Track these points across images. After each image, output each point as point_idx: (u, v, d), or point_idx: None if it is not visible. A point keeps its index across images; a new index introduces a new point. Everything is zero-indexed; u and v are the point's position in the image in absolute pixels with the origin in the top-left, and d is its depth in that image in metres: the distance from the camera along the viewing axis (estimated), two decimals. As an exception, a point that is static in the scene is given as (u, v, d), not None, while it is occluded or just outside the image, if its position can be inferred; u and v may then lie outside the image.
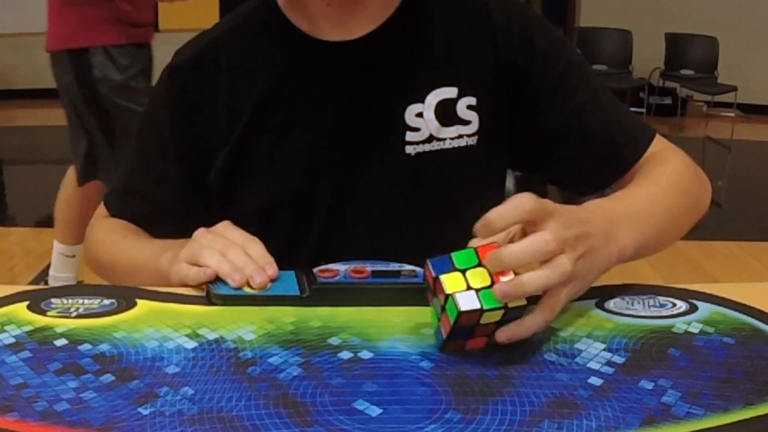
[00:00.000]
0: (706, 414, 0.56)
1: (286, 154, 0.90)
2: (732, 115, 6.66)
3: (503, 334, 0.64)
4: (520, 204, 0.65)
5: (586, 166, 0.94)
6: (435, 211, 0.92)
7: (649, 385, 0.60)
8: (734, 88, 6.39)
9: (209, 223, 0.82)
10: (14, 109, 6.82)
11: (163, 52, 1.00)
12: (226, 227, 0.81)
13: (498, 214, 0.64)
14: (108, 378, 0.61)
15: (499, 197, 1.01)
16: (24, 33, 7.17)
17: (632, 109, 6.62)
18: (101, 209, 1.01)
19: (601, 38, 6.78)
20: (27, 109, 6.90)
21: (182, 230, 0.86)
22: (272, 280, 0.76)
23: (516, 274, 0.64)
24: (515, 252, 0.63)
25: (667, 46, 6.79)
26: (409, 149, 0.89)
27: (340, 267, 0.79)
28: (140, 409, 0.56)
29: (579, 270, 0.66)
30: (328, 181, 0.90)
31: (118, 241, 0.95)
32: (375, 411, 0.57)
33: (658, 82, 6.86)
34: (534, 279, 0.63)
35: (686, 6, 6.98)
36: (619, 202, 0.80)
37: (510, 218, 0.65)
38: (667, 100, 6.94)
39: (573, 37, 6.81)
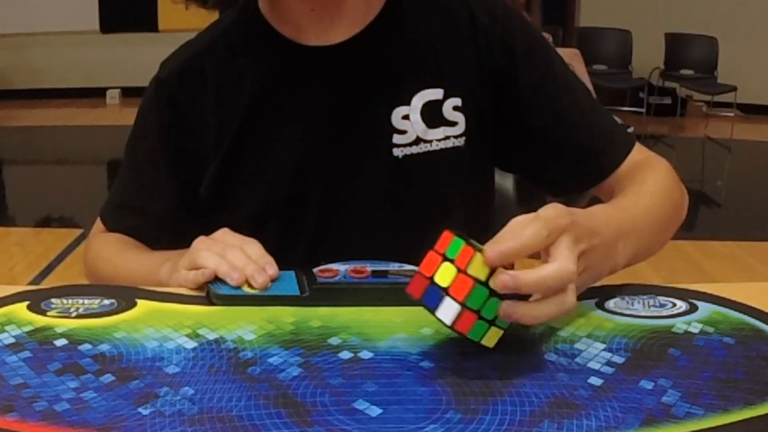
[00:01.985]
0: (706, 414, 0.56)
1: (276, 161, 0.90)
2: (732, 115, 6.67)
3: (507, 308, 0.62)
4: (521, 240, 0.63)
5: (564, 168, 0.94)
6: (425, 213, 0.92)
7: (649, 385, 0.60)
8: (734, 88, 6.39)
9: (204, 232, 0.83)
10: (14, 109, 6.83)
11: (163, 52, 1.00)
12: (224, 233, 0.82)
13: (501, 253, 0.62)
14: (108, 378, 0.61)
15: (488, 196, 1.02)
16: (24, 33, 7.18)
17: (632, 109, 6.64)
18: (98, 224, 1.01)
19: (600, 38, 6.78)
20: (27, 109, 6.90)
21: (178, 241, 0.86)
22: (273, 280, 0.76)
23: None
24: (535, 283, 0.61)
25: (666, 46, 6.80)
26: (397, 152, 0.89)
27: (340, 267, 0.79)
28: (140, 409, 0.56)
29: (580, 279, 0.66)
30: (317, 186, 0.90)
31: (117, 255, 0.95)
32: (375, 411, 0.57)
33: (658, 82, 6.87)
34: (539, 313, 0.62)
35: (686, 6, 6.98)
36: (623, 213, 0.79)
37: (514, 254, 0.63)
38: (667, 100, 6.95)
39: (573, 37, 6.81)
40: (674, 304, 0.75)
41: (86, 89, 7.17)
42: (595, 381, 0.61)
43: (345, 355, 0.65)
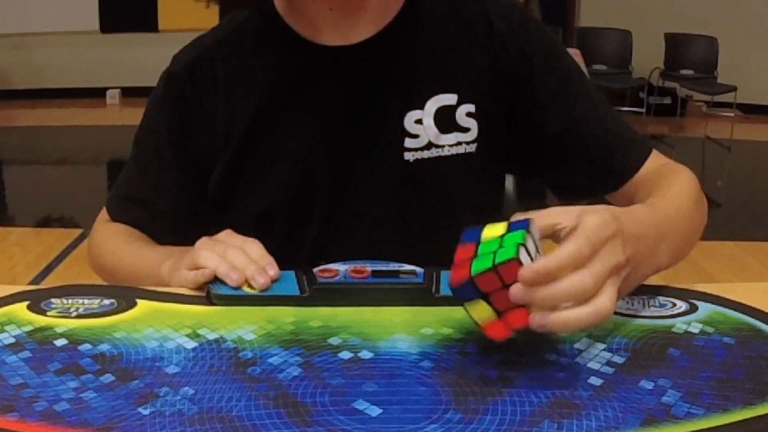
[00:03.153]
0: (706, 414, 0.56)
1: (285, 160, 0.90)
2: (732, 115, 6.67)
3: (539, 319, 0.59)
4: (558, 259, 0.60)
5: (581, 176, 0.94)
6: (433, 218, 0.92)
7: (649, 385, 0.60)
8: (734, 88, 6.40)
9: (208, 230, 0.83)
10: (14, 109, 6.83)
11: (163, 52, 1.00)
12: (227, 234, 0.82)
13: (536, 273, 0.58)
14: (108, 378, 0.61)
15: (497, 203, 1.01)
16: (24, 33, 7.18)
17: (632, 109, 6.63)
18: (103, 213, 1.01)
19: (601, 38, 6.78)
20: (27, 109, 6.91)
21: (182, 236, 0.86)
22: (274, 281, 0.76)
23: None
24: (558, 294, 0.58)
25: (666, 46, 6.80)
26: (408, 156, 0.89)
27: (340, 267, 0.79)
28: (140, 409, 0.56)
29: (619, 290, 0.64)
30: (325, 186, 0.90)
31: (121, 246, 0.95)
32: (375, 411, 0.57)
33: (658, 82, 6.87)
34: (575, 321, 0.59)
35: (686, 6, 6.98)
36: (662, 214, 0.77)
37: (548, 273, 0.60)
38: (667, 100, 6.95)
39: (573, 37, 6.81)
40: (674, 304, 0.75)
41: (86, 89, 7.17)
42: (595, 381, 0.61)
43: (345, 355, 0.65)
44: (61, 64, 7.30)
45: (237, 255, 0.78)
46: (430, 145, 0.89)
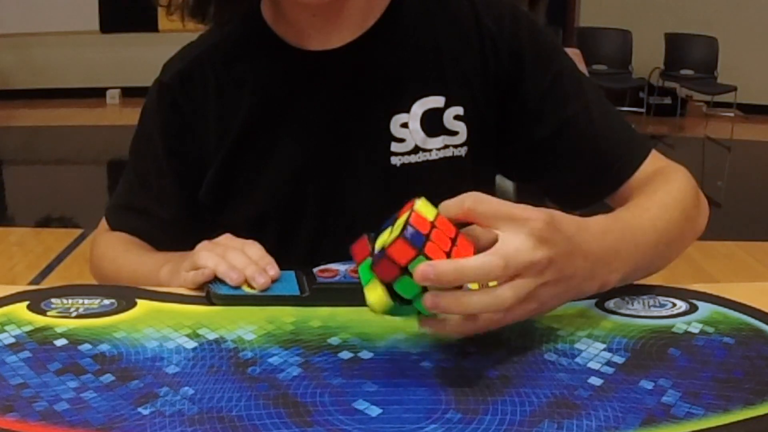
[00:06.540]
0: (706, 414, 0.56)
1: (274, 166, 0.90)
2: (732, 115, 6.67)
3: (427, 324, 0.61)
4: (466, 270, 0.59)
5: (576, 179, 0.91)
6: None
7: (649, 385, 0.60)
8: (734, 88, 6.39)
9: (206, 235, 0.83)
10: (14, 109, 6.83)
11: (163, 52, 1.00)
12: (227, 237, 0.82)
13: (437, 275, 0.57)
14: (108, 378, 0.61)
15: None
16: (24, 33, 7.18)
17: (632, 109, 6.62)
18: (103, 223, 1.01)
19: (601, 38, 6.78)
20: (27, 109, 6.91)
21: (182, 243, 0.87)
22: (274, 281, 0.76)
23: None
24: (454, 271, 0.58)
25: (666, 46, 6.80)
26: (395, 160, 0.88)
27: (340, 267, 0.79)
28: (140, 409, 0.56)
29: (540, 295, 0.63)
30: (315, 191, 0.90)
31: (121, 255, 0.95)
32: (375, 411, 0.57)
33: (658, 82, 6.87)
34: (474, 304, 0.59)
35: (686, 6, 6.98)
36: (624, 227, 0.74)
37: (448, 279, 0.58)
38: (667, 100, 6.95)
39: (573, 37, 6.81)
40: (674, 304, 0.75)
41: (86, 89, 7.18)
42: (595, 381, 0.61)
43: (345, 355, 0.65)
44: (61, 64, 7.30)
45: (237, 256, 0.78)
46: (417, 150, 0.88)
